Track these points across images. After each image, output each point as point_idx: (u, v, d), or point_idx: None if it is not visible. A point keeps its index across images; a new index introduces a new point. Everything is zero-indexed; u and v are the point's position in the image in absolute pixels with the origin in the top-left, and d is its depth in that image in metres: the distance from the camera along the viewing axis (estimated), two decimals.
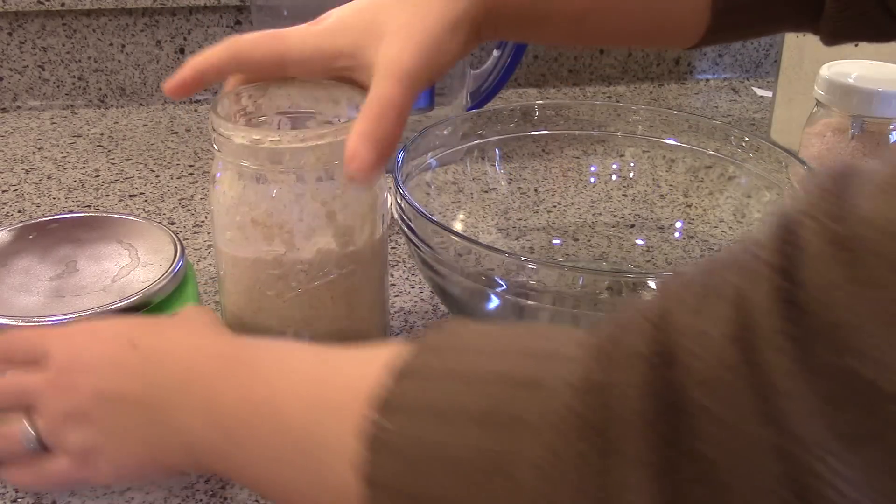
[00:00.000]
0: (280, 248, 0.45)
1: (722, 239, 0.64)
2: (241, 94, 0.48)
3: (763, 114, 0.96)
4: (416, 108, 0.78)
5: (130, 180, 0.78)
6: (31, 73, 0.91)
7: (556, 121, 0.66)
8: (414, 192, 0.59)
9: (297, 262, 0.46)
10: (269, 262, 0.46)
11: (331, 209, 0.45)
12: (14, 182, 0.77)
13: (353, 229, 0.46)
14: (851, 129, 0.62)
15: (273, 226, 0.45)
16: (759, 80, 1.06)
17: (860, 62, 0.66)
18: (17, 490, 0.45)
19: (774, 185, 0.60)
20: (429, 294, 0.62)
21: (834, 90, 0.62)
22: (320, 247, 0.46)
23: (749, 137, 0.62)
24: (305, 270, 0.46)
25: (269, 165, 0.44)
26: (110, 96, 0.93)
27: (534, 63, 1.01)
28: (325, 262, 0.46)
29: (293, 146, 0.44)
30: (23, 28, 0.89)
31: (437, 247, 0.50)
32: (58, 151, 0.83)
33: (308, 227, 0.45)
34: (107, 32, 0.90)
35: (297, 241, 0.45)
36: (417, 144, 0.60)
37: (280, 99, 0.49)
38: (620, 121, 0.66)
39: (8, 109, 0.91)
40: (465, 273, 0.50)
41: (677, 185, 0.67)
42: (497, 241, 0.66)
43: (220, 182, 0.46)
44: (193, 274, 0.54)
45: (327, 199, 0.45)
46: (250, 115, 0.49)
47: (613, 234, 0.67)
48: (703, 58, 1.05)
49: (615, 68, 1.03)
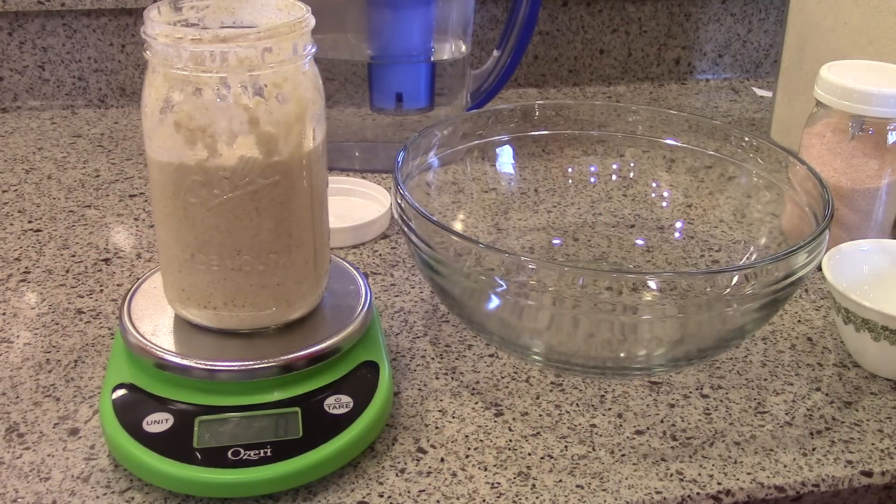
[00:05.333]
0: (203, 153, 0.46)
1: (722, 239, 0.64)
2: (183, 4, 0.49)
3: (763, 114, 0.96)
4: (416, 108, 0.78)
5: (130, 180, 0.78)
6: (32, 73, 0.91)
7: (556, 121, 0.66)
8: (414, 192, 0.59)
9: (219, 169, 0.46)
10: (192, 167, 0.46)
11: (254, 115, 0.45)
12: (14, 182, 0.77)
13: (277, 138, 0.46)
14: (851, 129, 0.62)
15: (196, 129, 0.45)
16: (759, 80, 1.06)
17: (860, 62, 0.66)
18: (17, 490, 0.45)
19: (774, 185, 0.60)
20: (429, 294, 0.62)
21: (834, 90, 0.62)
22: (243, 153, 0.46)
23: (749, 137, 0.62)
24: (228, 178, 0.46)
25: (192, 66, 0.44)
26: (110, 96, 0.93)
27: (534, 63, 1.01)
28: (249, 171, 0.46)
29: (214, 46, 0.44)
30: (23, 28, 0.89)
31: (437, 247, 0.50)
32: (58, 151, 0.83)
33: (230, 132, 0.45)
34: (107, 32, 0.90)
35: (220, 146, 0.45)
36: (417, 144, 0.60)
37: (223, 13, 0.50)
38: (620, 121, 0.66)
39: (8, 109, 0.91)
40: (465, 273, 0.50)
41: (677, 185, 0.67)
42: (497, 241, 0.66)
43: (148, 86, 0.47)
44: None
45: (250, 105, 0.45)
46: (191, 27, 0.49)
47: (613, 234, 0.67)
48: (703, 58, 1.05)
49: (615, 68, 1.03)
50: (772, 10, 1.04)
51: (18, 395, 0.52)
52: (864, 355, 0.55)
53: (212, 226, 0.47)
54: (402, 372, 0.54)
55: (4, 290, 0.62)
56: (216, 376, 0.47)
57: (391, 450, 0.48)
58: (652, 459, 0.48)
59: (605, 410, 0.52)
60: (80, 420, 0.50)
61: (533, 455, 0.48)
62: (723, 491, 0.47)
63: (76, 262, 0.65)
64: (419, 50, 0.76)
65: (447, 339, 0.58)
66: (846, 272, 0.57)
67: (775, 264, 0.48)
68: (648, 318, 0.48)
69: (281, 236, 0.48)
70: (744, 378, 0.55)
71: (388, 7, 0.74)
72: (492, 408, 0.52)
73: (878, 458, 0.49)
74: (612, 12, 1.00)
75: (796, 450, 0.49)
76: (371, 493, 0.46)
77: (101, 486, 0.46)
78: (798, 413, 0.52)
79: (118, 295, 0.61)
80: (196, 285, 0.48)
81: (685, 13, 1.02)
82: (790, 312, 0.62)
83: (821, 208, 0.53)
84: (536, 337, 0.52)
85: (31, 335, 0.57)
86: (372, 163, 0.80)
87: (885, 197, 0.63)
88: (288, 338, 0.50)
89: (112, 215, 0.72)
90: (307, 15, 0.47)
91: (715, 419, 0.51)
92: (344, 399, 0.48)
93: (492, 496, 0.46)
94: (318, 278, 0.51)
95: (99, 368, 0.54)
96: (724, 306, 0.48)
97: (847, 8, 0.73)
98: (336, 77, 0.78)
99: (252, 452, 0.45)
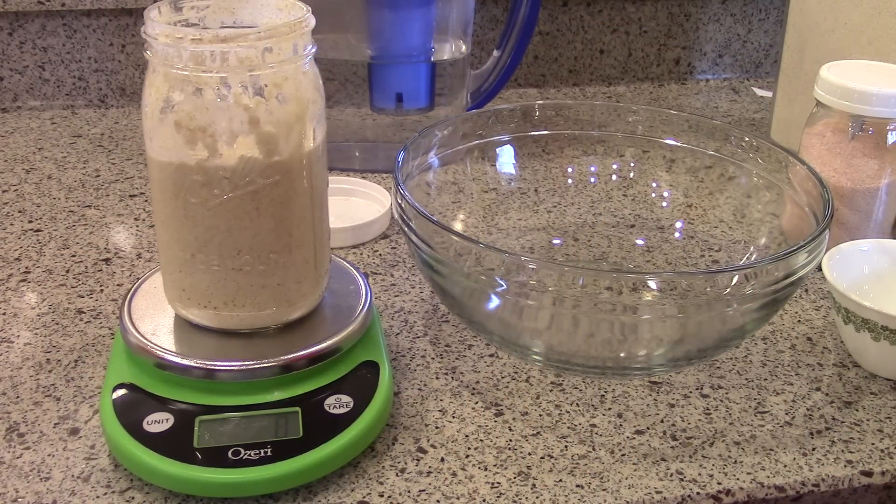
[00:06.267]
0: (203, 153, 0.46)
1: (722, 239, 0.64)
2: (184, 4, 0.49)
3: (763, 114, 0.96)
4: (416, 108, 0.78)
5: (130, 180, 0.78)
6: (32, 73, 0.91)
7: (556, 121, 0.66)
8: (414, 192, 0.59)
9: (220, 169, 0.46)
10: (192, 167, 0.46)
11: (254, 115, 0.46)
12: (14, 182, 0.77)
13: (277, 138, 0.46)
14: (851, 129, 0.62)
15: (196, 129, 0.45)
16: (759, 80, 1.06)
17: (860, 62, 0.66)
18: (17, 490, 0.45)
19: (774, 185, 0.60)
20: (429, 294, 0.62)
21: (834, 90, 0.62)
22: (243, 153, 0.46)
23: (749, 137, 0.62)
24: (228, 178, 0.46)
25: (193, 66, 0.44)
26: (110, 96, 0.93)
27: (534, 63, 1.01)
28: (249, 170, 0.46)
29: (215, 46, 0.44)
30: (23, 28, 0.89)
31: (437, 247, 0.50)
32: (58, 151, 0.83)
33: (230, 132, 0.45)
34: (107, 32, 0.91)
35: (220, 146, 0.46)
36: (417, 144, 0.60)
37: (223, 13, 0.50)
38: (620, 121, 0.66)
39: (8, 109, 0.91)
40: (465, 273, 0.50)
41: (677, 185, 0.67)
42: (497, 241, 0.66)
43: (149, 86, 0.47)
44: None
45: (251, 105, 0.46)
46: (191, 27, 0.49)
47: (613, 234, 0.67)
48: (703, 58, 1.05)
49: (615, 68, 1.03)
50: (772, 10, 1.04)
51: (19, 395, 0.52)
52: (864, 355, 0.55)
53: (212, 226, 0.47)
54: (402, 372, 0.54)
55: (4, 290, 0.62)
56: (216, 376, 0.47)
57: (391, 450, 0.48)
58: (652, 459, 0.48)
59: (605, 410, 0.52)
60: (81, 420, 0.50)
61: (533, 455, 0.48)
62: (723, 491, 0.47)
63: (76, 262, 0.65)
64: (419, 50, 0.76)
65: (447, 339, 0.58)
66: (846, 272, 0.57)
67: (775, 264, 0.48)
68: (648, 317, 0.48)
69: (281, 236, 0.48)
70: (744, 378, 0.55)
71: (388, 7, 0.74)
72: (492, 408, 0.52)
73: (878, 458, 0.49)
74: (612, 12, 1.00)
75: (796, 450, 0.49)
76: (371, 493, 0.46)
77: (101, 485, 0.46)
78: (798, 413, 0.52)
79: (118, 295, 0.61)
80: (196, 285, 0.48)
81: (685, 13, 1.02)
82: (790, 312, 0.62)
83: (821, 208, 0.53)
84: (536, 337, 0.52)
85: (32, 335, 0.57)
86: (372, 163, 0.80)
87: (885, 197, 0.63)
88: (288, 338, 0.50)
89: (112, 215, 0.72)
90: (307, 15, 0.47)
91: (715, 419, 0.51)
92: (344, 399, 0.48)
93: (492, 496, 0.46)
94: (319, 278, 0.51)
95: (99, 368, 0.54)
96: (724, 306, 0.48)
97: (847, 8, 0.73)
98: (336, 77, 0.78)
99: (252, 452, 0.45)
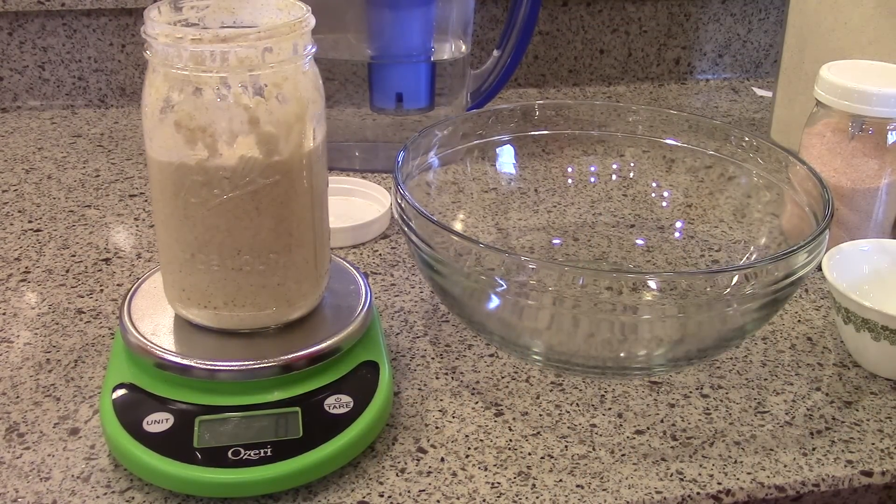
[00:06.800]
0: (203, 153, 0.46)
1: (722, 239, 0.64)
2: (184, 4, 0.49)
3: (763, 114, 0.96)
4: (417, 108, 0.78)
5: (130, 180, 0.78)
6: (31, 73, 0.91)
7: (556, 121, 0.66)
8: (414, 192, 0.59)
9: (220, 169, 0.46)
10: (192, 167, 0.46)
11: (254, 115, 0.46)
12: (14, 182, 0.77)
13: (277, 138, 0.46)
14: (851, 129, 0.62)
15: (196, 129, 0.45)
16: (759, 80, 1.06)
17: (860, 62, 0.66)
18: (17, 490, 0.45)
19: (774, 185, 0.60)
20: (429, 294, 0.62)
21: (834, 90, 0.62)
22: (243, 153, 0.46)
23: (749, 137, 0.62)
24: (228, 177, 0.46)
25: (193, 66, 0.44)
26: (110, 96, 0.93)
27: (534, 63, 1.01)
28: (249, 170, 0.46)
29: (215, 46, 0.44)
30: (23, 28, 0.89)
31: (437, 247, 0.50)
32: (58, 151, 0.83)
33: (230, 132, 0.45)
34: (107, 32, 0.91)
35: (220, 146, 0.46)
36: (417, 144, 0.60)
37: (223, 13, 0.50)
38: (620, 121, 0.66)
39: (8, 109, 0.91)
40: (465, 273, 0.50)
41: (677, 185, 0.67)
42: (497, 241, 0.66)
43: (149, 86, 0.47)
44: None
45: (251, 105, 0.45)
46: (191, 27, 0.49)
47: (613, 234, 0.67)
48: (703, 58, 1.05)
49: (615, 68, 1.03)
50: (772, 10, 1.04)
51: (18, 395, 0.52)
52: (864, 355, 0.55)
53: (212, 225, 0.47)
54: (402, 372, 0.54)
55: (4, 290, 0.62)
56: (216, 376, 0.47)
57: (391, 450, 0.48)
58: (652, 459, 0.48)
59: (605, 410, 0.52)
60: (81, 420, 0.50)
61: (533, 455, 0.48)
62: (723, 491, 0.47)
63: (76, 262, 0.65)
64: (419, 50, 0.76)
65: (447, 338, 0.58)
66: (846, 272, 0.57)
67: (775, 264, 0.48)
68: (648, 317, 0.48)
69: (281, 236, 0.48)
70: (744, 378, 0.55)
71: (388, 7, 0.74)
72: (492, 408, 0.52)
73: (878, 458, 0.49)
74: (612, 12, 1.00)
75: (796, 449, 0.49)
76: (371, 493, 0.46)
77: (101, 485, 0.46)
78: (798, 413, 0.52)
79: (118, 295, 0.61)
80: (196, 285, 0.48)
81: (685, 13, 1.02)
82: (790, 312, 0.62)
83: (821, 208, 0.53)
84: (536, 337, 0.52)
85: (32, 335, 0.57)
86: (372, 163, 0.80)
87: (885, 197, 0.63)
88: (288, 338, 0.50)
89: (112, 215, 0.72)
90: (307, 15, 0.47)
91: (715, 419, 0.51)
92: (344, 399, 0.48)
93: (492, 496, 0.46)
94: (319, 278, 0.51)
95: (99, 368, 0.54)
96: (724, 306, 0.48)
97: (847, 8, 0.73)
98: (336, 77, 0.78)
99: (252, 452, 0.45)
